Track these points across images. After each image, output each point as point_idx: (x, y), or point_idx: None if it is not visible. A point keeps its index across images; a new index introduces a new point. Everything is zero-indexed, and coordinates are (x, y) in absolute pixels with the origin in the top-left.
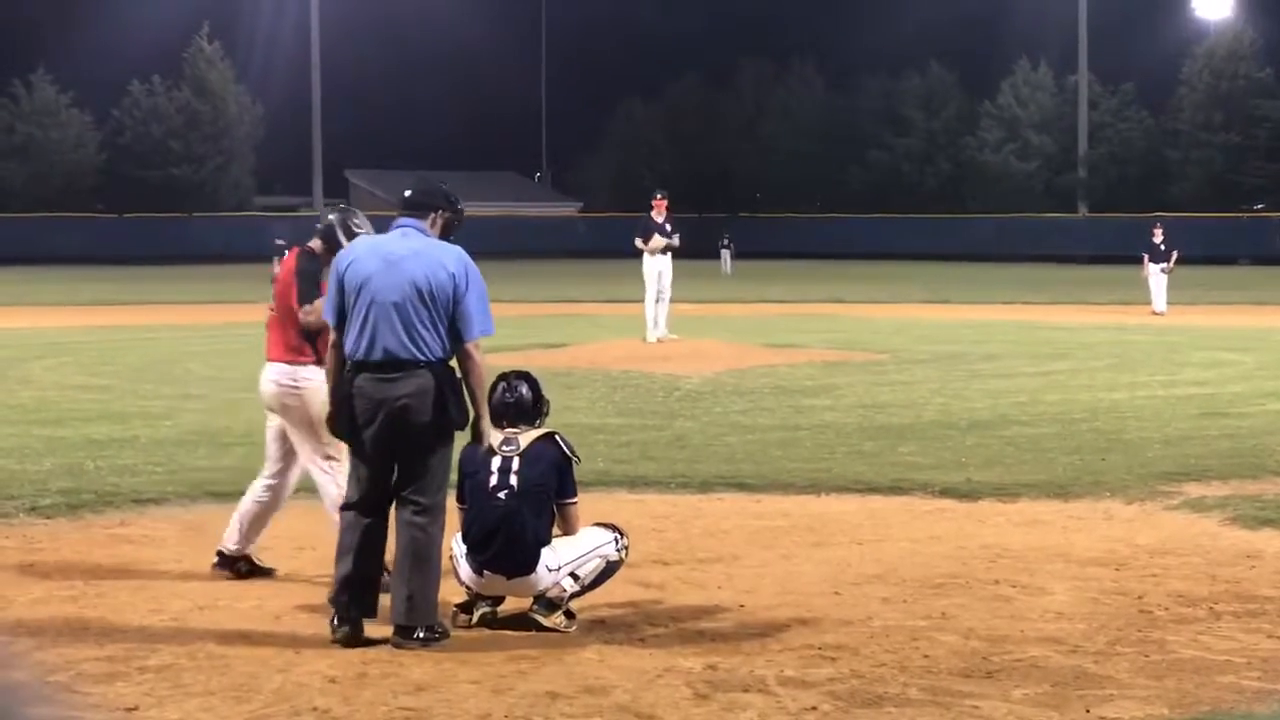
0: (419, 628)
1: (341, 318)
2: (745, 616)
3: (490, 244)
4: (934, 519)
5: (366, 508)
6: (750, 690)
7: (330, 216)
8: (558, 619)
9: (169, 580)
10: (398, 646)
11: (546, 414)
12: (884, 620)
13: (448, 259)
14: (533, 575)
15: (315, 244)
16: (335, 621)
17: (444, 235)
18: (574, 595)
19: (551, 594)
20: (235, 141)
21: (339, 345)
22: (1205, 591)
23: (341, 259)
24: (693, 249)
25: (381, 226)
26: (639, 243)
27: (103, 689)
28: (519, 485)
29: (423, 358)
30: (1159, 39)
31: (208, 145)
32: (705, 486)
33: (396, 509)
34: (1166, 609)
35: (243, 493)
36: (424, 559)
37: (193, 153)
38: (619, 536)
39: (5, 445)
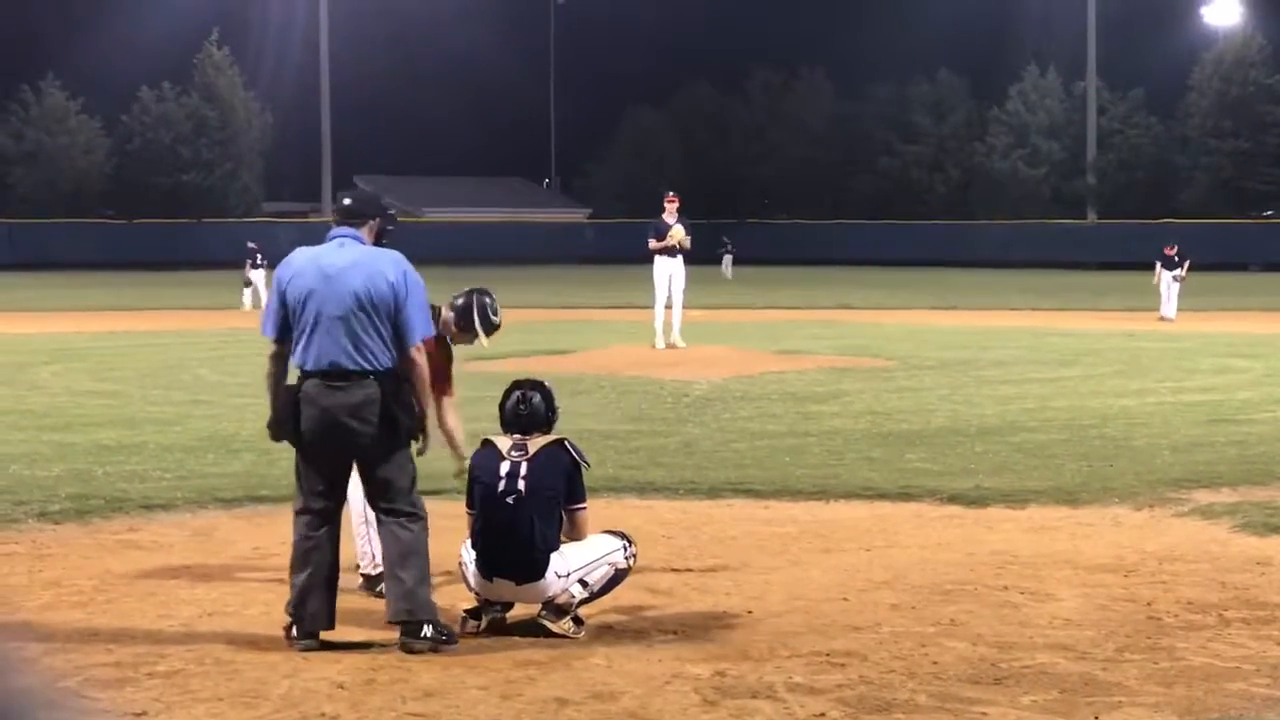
0: (424, 623)
1: (284, 331)
2: (754, 623)
3: (498, 249)
4: (943, 525)
5: (317, 518)
6: (759, 697)
7: (460, 301)
8: (565, 625)
9: (177, 586)
10: (406, 648)
11: (555, 421)
12: (893, 627)
13: (387, 268)
14: (541, 581)
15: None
16: (294, 632)
17: (377, 240)
18: (582, 602)
19: (560, 600)
20: (244, 147)
21: (278, 356)
22: (1215, 598)
23: (282, 272)
24: (701, 255)
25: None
26: (652, 243)
27: (111, 694)
28: (527, 489)
29: (370, 367)
30: (1168, 45)
31: (217, 151)
32: (714, 493)
33: (379, 523)
34: (1176, 616)
35: (254, 498)
36: (414, 552)
37: (202, 159)
38: (628, 544)
39: (15, 451)
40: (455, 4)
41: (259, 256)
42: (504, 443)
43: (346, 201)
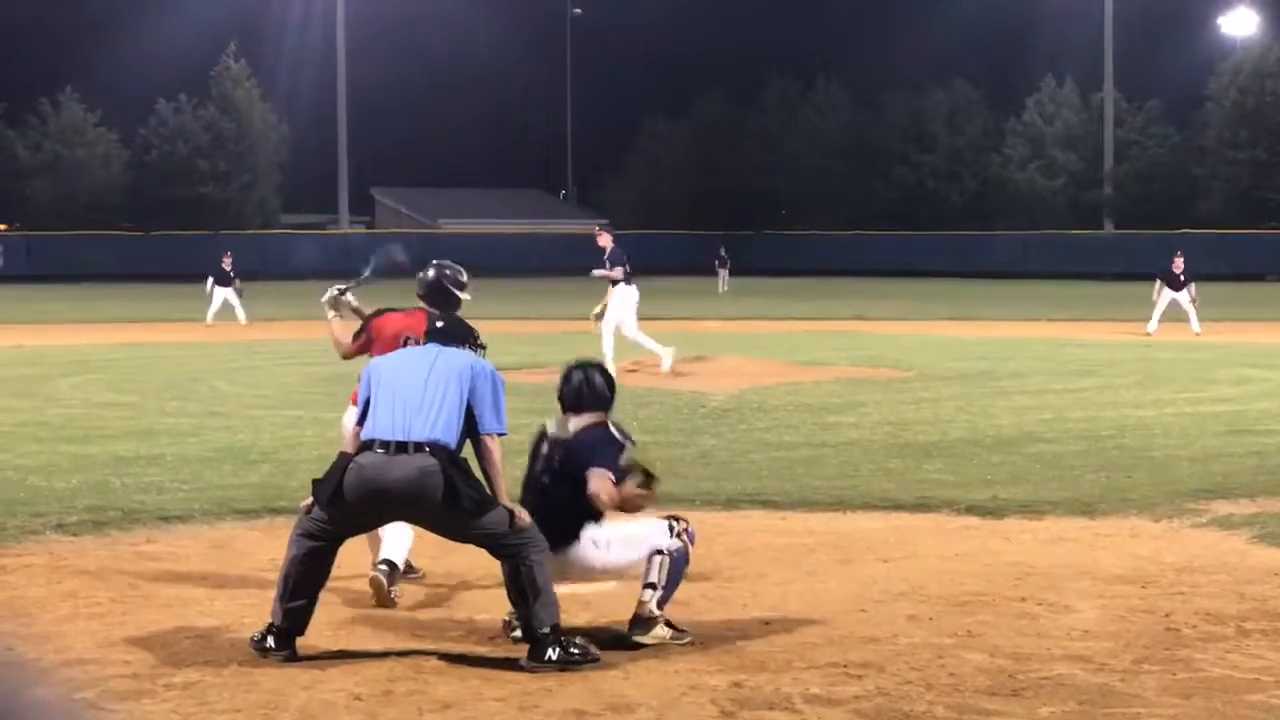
0: (549, 646)
1: (364, 415)
2: (771, 634)
3: (515, 261)
4: (960, 536)
5: (323, 546)
6: (776, 708)
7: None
8: (660, 633)
9: (195, 598)
10: (531, 670)
11: (613, 400)
12: (910, 638)
13: (468, 358)
14: (577, 545)
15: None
16: (272, 645)
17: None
18: (661, 602)
19: (641, 612)
20: (261, 159)
21: (358, 435)
22: (1233, 609)
23: (370, 366)
24: (700, 267)
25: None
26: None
27: (129, 706)
28: (560, 465)
29: (425, 439)
30: (1185, 56)
31: (234, 163)
32: (731, 504)
33: (507, 557)
34: (1194, 627)
35: (271, 510)
36: (535, 570)
37: (219, 171)
38: (675, 522)
39: (33, 463)
40: (472, 16)
41: (235, 279)
42: (552, 425)
43: (439, 324)
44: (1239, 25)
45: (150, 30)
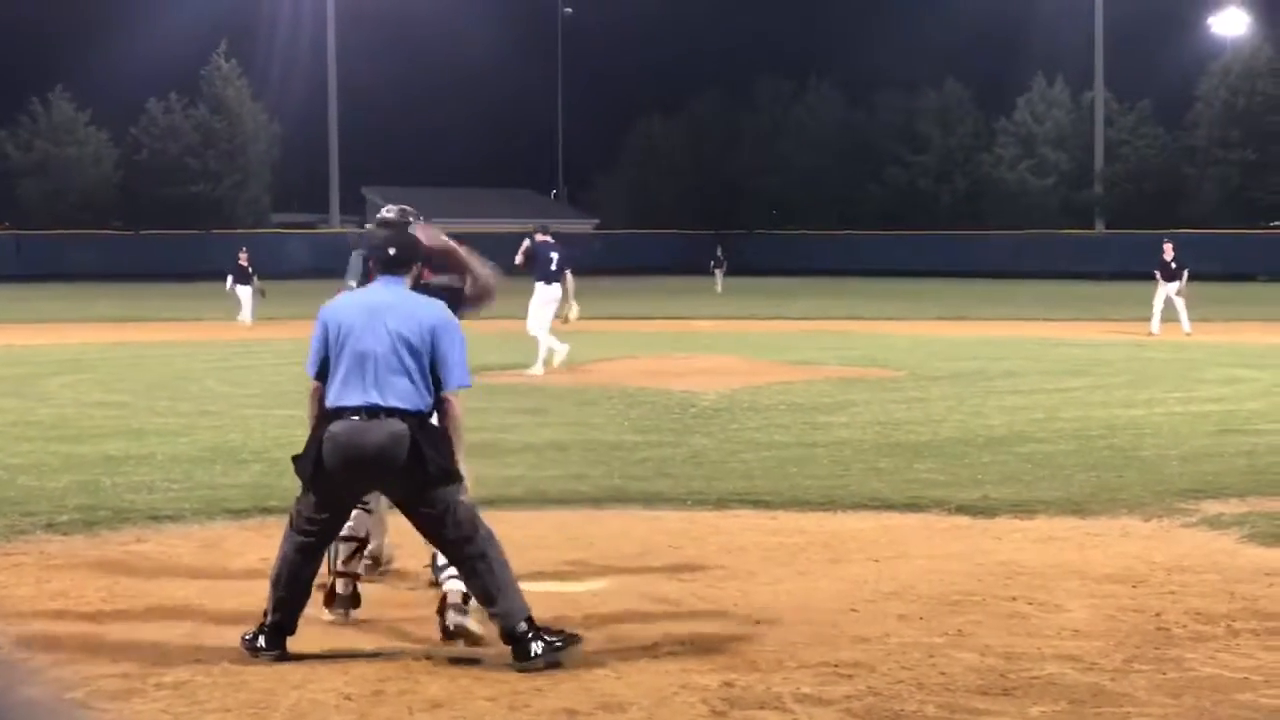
0: (531, 642)
1: (324, 369)
2: (761, 633)
3: (506, 261)
4: (951, 536)
5: (313, 540)
6: (767, 708)
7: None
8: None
9: (185, 597)
10: (521, 671)
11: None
12: (901, 637)
13: (426, 312)
14: None
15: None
16: (263, 644)
17: (415, 283)
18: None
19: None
20: (252, 159)
21: (318, 394)
22: (1223, 609)
23: (326, 312)
24: (696, 267)
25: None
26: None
27: (119, 706)
28: None
29: (398, 406)
30: (1176, 56)
31: (225, 162)
32: (721, 503)
33: (459, 566)
34: (1184, 626)
35: (261, 509)
36: (491, 565)
37: (210, 170)
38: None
39: (23, 462)
40: (463, 15)
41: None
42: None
43: (392, 250)
44: (1229, 25)
45: (141, 29)
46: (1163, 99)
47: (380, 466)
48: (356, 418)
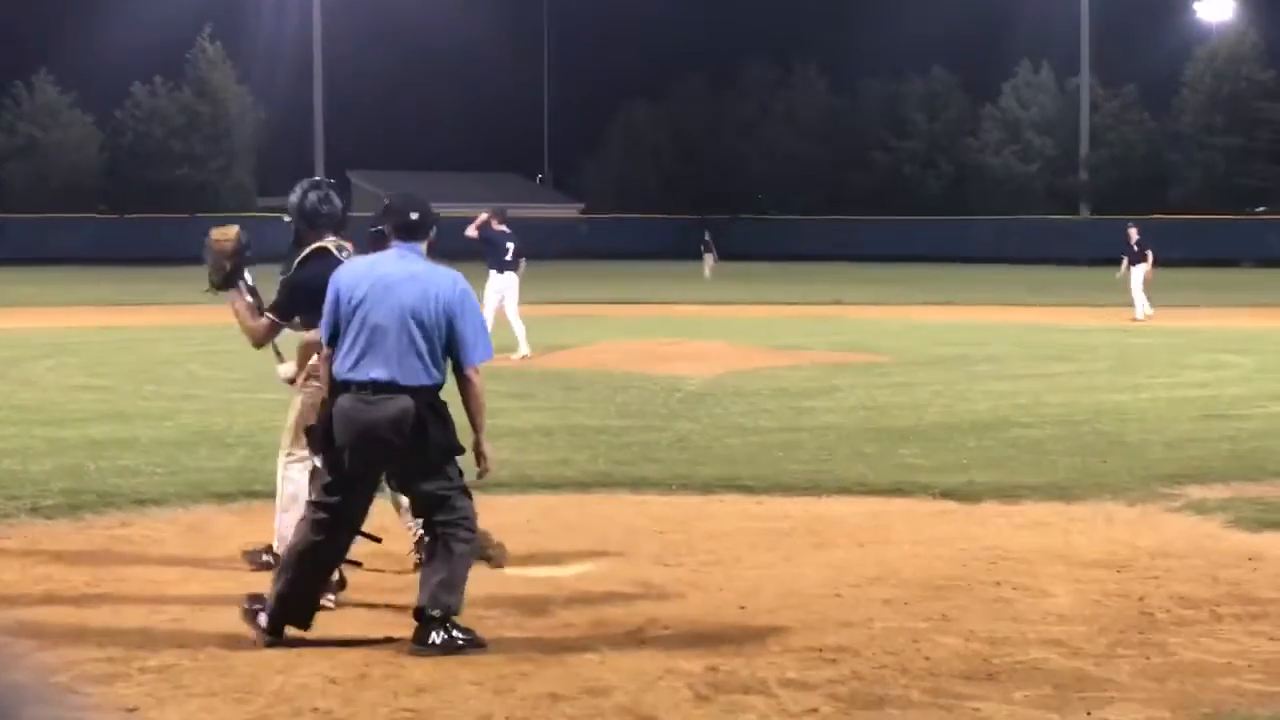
0: (434, 629)
1: (335, 335)
2: (746, 618)
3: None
4: (935, 521)
5: (325, 527)
6: (751, 692)
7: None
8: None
9: (170, 581)
10: (412, 654)
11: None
12: (885, 622)
13: (445, 285)
14: None
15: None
16: (264, 622)
17: (430, 251)
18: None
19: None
20: (237, 142)
21: (330, 360)
22: (1207, 594)
23: (338, 277)
24: (685, 252)
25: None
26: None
27: (103, 690)
28: None
29: (406, 383)
30: (1161, 41)
31: (210, 146)
32: (707, 488)
33: (433, 533)
34: (1168, 611)
35: (247, 493)
36: (457, 556)
37: (195, 154)
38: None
39: (7, 446)
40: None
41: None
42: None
43: (414, 215)
44: (1215, 11)
45: (126, 12)
46: (1148, 85)
47: (384, 442)
48: (363, 392)
